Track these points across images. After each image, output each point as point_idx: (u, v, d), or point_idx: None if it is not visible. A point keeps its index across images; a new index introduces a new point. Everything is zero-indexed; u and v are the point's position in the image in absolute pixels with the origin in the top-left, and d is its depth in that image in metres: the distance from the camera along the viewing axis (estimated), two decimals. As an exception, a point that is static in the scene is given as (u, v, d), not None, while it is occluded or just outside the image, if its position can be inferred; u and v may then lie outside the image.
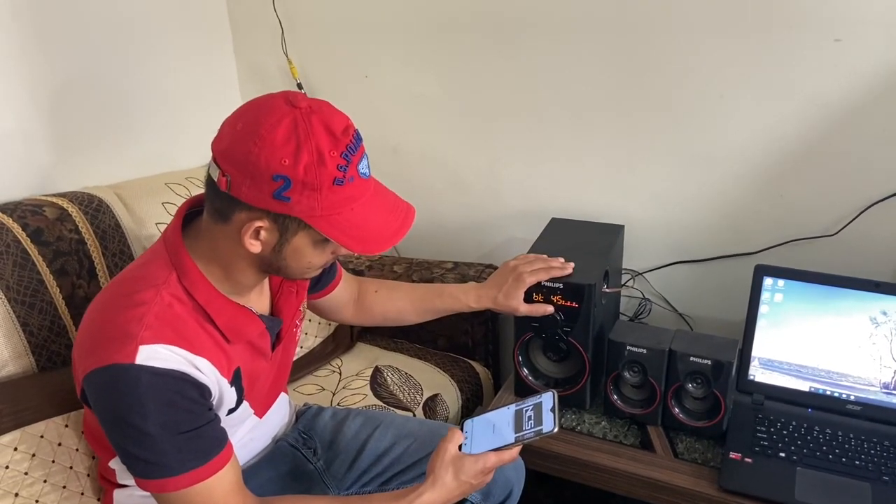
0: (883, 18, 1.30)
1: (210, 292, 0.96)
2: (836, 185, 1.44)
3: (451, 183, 1.82)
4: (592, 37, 1.53)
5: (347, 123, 0.90)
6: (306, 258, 0.95)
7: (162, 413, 0.89)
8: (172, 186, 1.56)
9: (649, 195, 1.61)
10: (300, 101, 0.88)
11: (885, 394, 1.28)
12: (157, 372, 0.88)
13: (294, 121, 0.86)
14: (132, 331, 0.89)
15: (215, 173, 0.89)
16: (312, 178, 0.86)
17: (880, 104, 1.36)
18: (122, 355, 0.87)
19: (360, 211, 0.91)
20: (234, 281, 0.98)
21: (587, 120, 1.61)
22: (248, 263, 0.96)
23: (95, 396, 0.92)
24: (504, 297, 1.30)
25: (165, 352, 0.89)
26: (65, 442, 1.16)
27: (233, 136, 0.88)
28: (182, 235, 0.97)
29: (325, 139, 0.86)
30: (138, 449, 0.90)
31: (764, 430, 1.29)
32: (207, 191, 0.94)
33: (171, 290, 0.93)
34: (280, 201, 0.86)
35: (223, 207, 0.91)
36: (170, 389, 0.89)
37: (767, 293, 1.32)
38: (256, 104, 0.90)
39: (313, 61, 1.84)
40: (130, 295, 0.93)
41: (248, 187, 0.86)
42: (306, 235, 0.91)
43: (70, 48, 1.50)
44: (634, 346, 1.31)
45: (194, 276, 0.95)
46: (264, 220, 0.89)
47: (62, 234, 1.30)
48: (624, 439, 1.35)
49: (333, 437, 1.26)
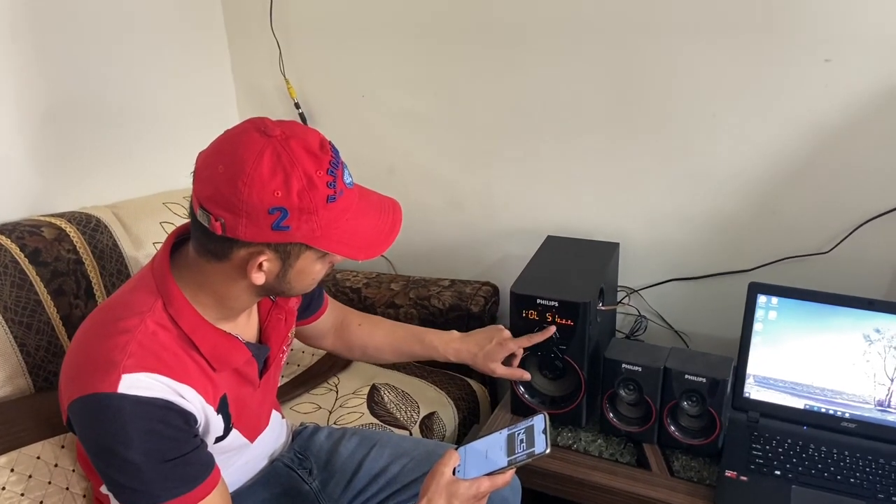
0: (871, 40, 1.32)
1: (195, 320, 0.95)
2: (828, 203, 1.45)
3: (448, 201, 1.83)
4: (587, 57, 1.55)
5: (321, 138, 0.91)
6: (311, 276, 0.96)
7: (146, 441, 0.88)
8: (170, 206, 1.57)
9: (644, 213, 1.62)
10: (271, 128, 0.87)
11: (879, 411, 1.28)
12: (139, 401, 0.88)
13: (275, 151, 0.85)
14: (115, 359, 0.88)
15: (205, 219, 0.87)
16: (307, 203, 0.86)
17: (870, 123, 1.37)
18: (104, 384, 0.87)
19: (353, 219, 0.92)
20: (225, 308, 0.98)
21: (582, 139, 1.62)
22: (246, 291, 0.96)
23: (80, 425, 0.92)
24: (484, 357, 1.30)
25: (148, 380, 0.89)
26: (61, 463, 1.16)
27: (216, 180, 0.86)
28: (170, 264, 0.96)
29: (309, 162, 0.87)
30: (124, 477, 0.89)
31: (759, 447, 1.29)
32: (198, 234, 0.92)
33: (156, 318, 0.93)
34: (280, 231, 0.87)
35: (219, 249, 0.90)
36: (153, 418, 0.89)
37: (762, 311, 1.32)
38: (229, 142, 0.88)
39: (311, 81, 1.86)
40: (115, 322, 0.92)
41: (246, 226, 0.86)
42: (309, 256, 0.92)
43: (69, 68, 1.51)
44: (630, 364, 1.32)
45: (180, 303, 0.94)
46: (266, 253, 0.89)
47: (60, 255, 1.31)
48: (620, 457, 1.35)
49: (329, 457, 1.26)
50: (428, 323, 1.73)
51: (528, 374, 1.34)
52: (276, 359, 1.11)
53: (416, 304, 1.74)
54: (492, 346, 1.31)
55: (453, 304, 1.71)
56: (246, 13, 1.85)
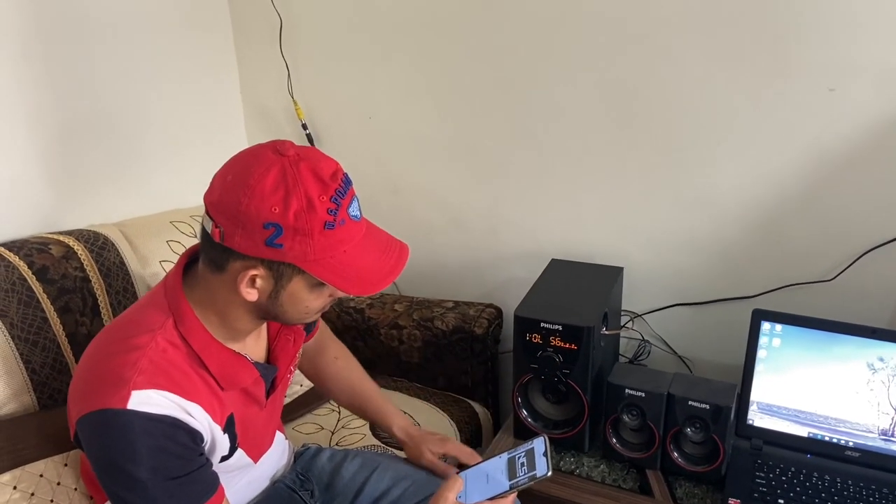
0: (875, 70, 1.33)
1: (205, 339, 0.96)
2: (832, 231, 1.46)
3: (452, 223, 1.84)
4: (593, 82, 1.57)
5: (336, 168, 0.92)
6: (303, 303, 0.96)
7: (153, 458, 0.89)
8: (177, 225, 1.58)
9: (648, 238, 1.63)
10: (288, 149, 0.90)
11: (883, 440, 1.28)
12: (149, 417, 0.88)
13: (282, 169, 0.87)
14: (125, 375, 0.89)
15: (209, 225, 0.91)
16: (303, 224, 0.87)
17: (874, 153, 1.38)
18: (114, 400, 0.88)
19: (352, 253, 0.92)
20: (230, 327, 0.99)
21: (587, 163, 1.63)
22: (245, 311, 0.97)
23: (88, 440, 0.92)
24: (421, 439, 1.27)
25: (158, 397, 0.90)
26: (63, 481, 1.16)
27: (223, 187, 0.89)
28: (182, 282, 0.98)
29: (314, 185, 0.88)
30: (129, 494, 0.90)
31: (763, 475, 1.29)
32: (202, 242, 0.95)
33: (167, 336, 0.94)
34: (273, 248, 0.88)
35: (218, 258, 0.92)
36: (162, 435, 0.89)
37: (765, 338, 1.32)
38: (245, 155, 0.91)
39: (318, 103, 1.88)
40: (126, 339, 0.93)
41: (241, 237, 0.88)
42: (301, 280, 0.92)
43: (79, 87, 1.53)
44: (633, 389, 1.32)
45: (191, 322, 0.95)
46: (259, 269, 0.90)
47: (67, 272, 1.32)
48: (623, 483, 1.34)
49: (331, 479, 1.26)
50: (431, 345, 1.73)
51: (453, 470, 1.21)
52: (283, 379, 1.11)
53: (419, 326, 1.74)
54: (435, 439, 1.28)
55: (457, 326, 1.71)
56: (255, 34, 1.87)
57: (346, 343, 1.81)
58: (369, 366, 1.83)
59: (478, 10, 1.62)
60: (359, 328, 1.81)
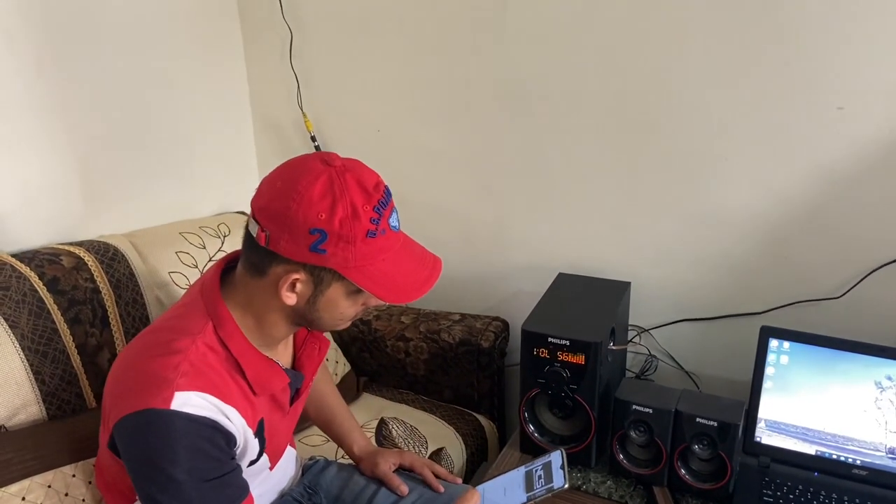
0: (884, 89, 1.34)
1: (243, 344, 0.99)
2: (840, 249, 1.46)
3: (460, 236, 1.84)
4: (602, 99, 1.57)
5: (378, 180, 0.95)
6: (339, 309, 0.98)
7: (191, 460, 0.90)
8: (186, 236, 1.58)
9: (656, 253, 1.63)
10: (334, 160, 0.93)
11: (890, 459, 1.27)
12: (190, 418, 0.90)
13: (329, 178, 0.90)
14: (169, 377, 0.91)
15: (254, 229, 0.94)
16: (347, 231, 0.90)
17: (883, 170, 1.38)
18: (158, 401, 0.90)
19: (390, 262, 0.95)
20: (265, 333, 1.01)
21: (595, 179, 1.64)
22: (282, 315, 0.99)
23: (127, 440, 0.93)
24: (377, 453, 1.29)
25: (199, 399, 0.92)
26: (72, 492, 1.16)
27: (272, 193, 0.92)
28: (220, 288, 1.00)
29: (359, 195, 0.91)
30: (164, 495, 0.91)
31: (770, 493, 1.28)
32: (245, 246, 0.98)
33: (207, 340, 0.96)
34: (316, 254, 0.90)
35: (260, 262, 0.95)
36: (201, 436, 0.92)
37: (773, 355, 1.32)
38: (294, 164, 0.95)
39: (327, 115, 1.89)
40: (167, 343, 0.95)
41: (287, 241, 0.90)
42: (340, 286, 0.95)
43: (90, 101, 1.54)
44: (641, 405, 1.31)
45: (230, 327, 0.98)
46: (301, 273, 0.93)
47: (78, 283, 1.32)
48: (629, 499, 1.34)
49: (339, 493, 1.26)
50: (438, 357, 1.73)
51: (405, 488, 1.23)
52: (306, 387, 1.14)
53: (426, 338, 1.74)
54: (393, 451, 1.30)
55: (463, 339, 1.71)
56: (266, 48, 1.88)
57: (352, 354, 1.84)
58: (375, 377, 1.85)
59: (487, 27, 1.63)
60: (365, 339, 1.81)
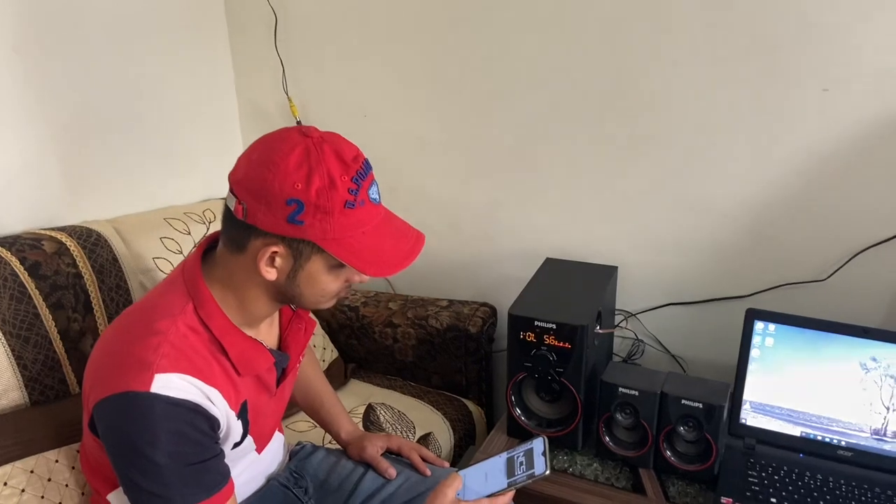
0: (868, 70, 1.34)
1: (225, 324, 0.98)
2: (825, 231, 1.46)
3: (448, 222, 1.84)
4: (589, 84, 1.57)
5: (357, 153, 0.94)
6: (321, 284, 0.97)
7: (171, 443, 0.89)
8: (171, 221, 1.57)
9: (643, 237, 1.63)
10: (312, 132, 0.92)
11: (875, 440, 1.28)
12: (171, 401, 0.89)
13: (306, 148, 0.90)
14: (149, 359, 0.90)
15: (232, 203, 0.93)
16: (324, 202, 0.89)
17: (868, 153, 1.39)
18: (137, 383, 0.88)
19: (371, 234, 0.94)
20: (247, 311, 1.00)
21: (583, 164, 1.63)
22: (263, 292, 0.98)
23: (106, 423, 0.92)
24: (364, 437, 1.29)
25: (180, 381, 0.91)
26: (55, 477, 1.15)
27: (248, 165, 0.92)
28: (201, 267, 0.99)
29: (336, 165, 0.90)
30: (144, 479, 0.90)
31: (755, 474, 1.29)
32: (224, 221, 0.97)
33: (187, 321, 0.95)
34: (294, 225, 0.89)
35: (239, 236, 0.94)
36: (182, 420, 0.90)
37: (758, 337, 1.33)
38: (270, 136, 0.94)
39: (313, 100, 1.87)
40: (147, 324, 0.94)
41: (264, 213, 0.89)
42: (320, 260, 0.94)
43: (72, 85, 1.52)
44: (627, 388, 1.32)
45: (211, 307, 0.97)
46: (279, 246, 0.92)
47: (60, 268, 1.31)
48: (616, 482, 1.34)
49: (326, 477, 1.26)
50: (426, 343, 1.73)
51: (393, 471, 1.24)
52: (293, 368, 1.12)
53: (413, 324, 1.74)
54: (381, 436, 1.30)
55: (451, 325, 1.71)
56: (250, 31, 1.87)
57: (340, 341, 1.83)
58: (363, 364, 1.84)
59: (475, 10, 1.62)
60: (353, 326, 1.81)
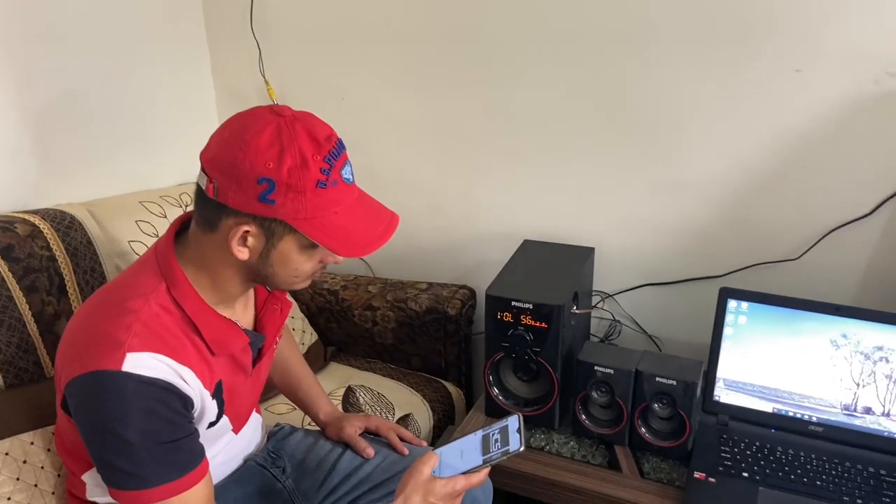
0: (839, 51, 1.35)
1: (198, 303, 0.97)
2: (798, 212, 1.48)
3: (427, 205, 1.84)
4: (566, 67, 1.57)
5: (330, 132, 0.94)
6: (293, 264, 0.96)
7: (144, 422, 0.89)
8: (147, 205, 1.56)
9: (619, 219, 1.64)
10: (284, 110, 0.92)
11: (845, 415, 1.31)
12: (142, 380, 0.89)
13: (278, 127, 0.89)
14: (120, 338, 0.89)
15: (203, 181, 0.92)
16: (296, 181, 0.88)
17: (839, 133, 1.40)
18: (109, 362, 0.88)
19: (344, 215, 0.93)
20: (221, 291, 1.00)
21: (561, 146, 1.64)
22: (236, 271, 0.98)
23: (78, 402, 0.92)
24: (342, 418, 1.30)
25: (152, 360, 0.90)
26: (30, 459, 1.15)
27: (220, 144, 0.91)
28: (174, 247, 0.98)
29: (308, 144, 0.89)
30: (116, 458, 0.90)
31: (728, 450, 1.31)
32: (196, 200, 0.96)
33: (160, 300, 0.95)
34: (265, 204, 0.89)
35: (211, 215, 0.93)
36: (154, 398, 0.90)
37: (732, 315, 1.34)
38: (242, 115, 0.94)
39: (291, 83, 1.86)
40: (119, 303, 0.94)
41: (235, 192, 0.89)
42: (292, 240, 0.93)
43: (47, 67, 1.50)
44: (602, 366, 1.33)
45: (184, 286, 0.96)
46: (251, 225, 0.91)
47: (33, 251, 1.30)
48: (592, 459, 1.36)
49: (304, 456, 1.26)
50: (405, 326, 1.74)
51: (371, 450, 1.25)
52: (269, 349, 1.12)
53: (393, 307, 1.74)
54: (359, 416, 1.31)
55: (430, 307, 1.71)
56: (226, 13, 1.84)
57: (320, 325, 1.83)
58: (343, 347, 1.85)
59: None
60: (332, 310, 1.81)
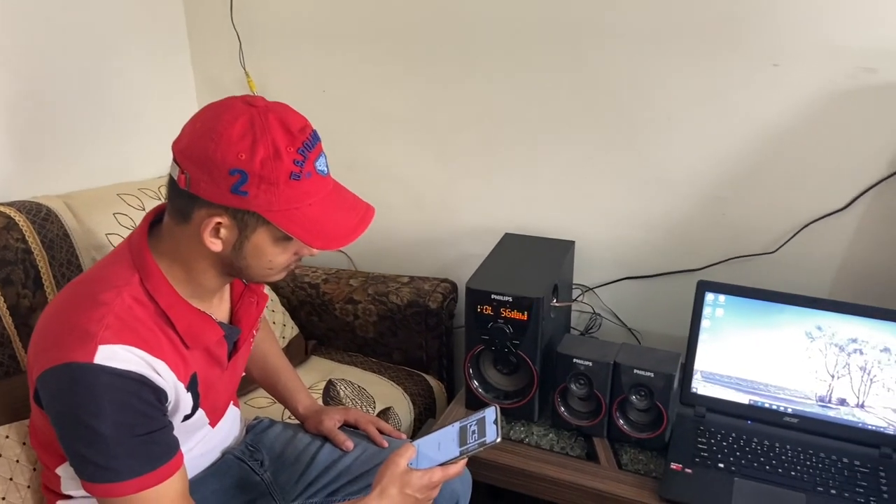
0: (816, 46, 1.37)
1: (172, 296, 0.96)
2: (775, 205, 1.49)
3: (408, 199, 1.84)
4: (547, 62, 1.57)
5: (304, 123, 0.93)
6: (267, 256, 0.96)
7: (117, 414, 0.88)
8: (125, 197, 1.55)
9: (599, 212, 1.65)
10: (258, 101, 0.91)
11: (820, 407, 1.32)
12: (115, 372, 0.88)
13: (251, 118, 0.88)
14: (92, 330, 0.88)
15: (175, 172, 0.91)
16: (269, 172, 0.88)
17: (815, 127, 1.42)
18: (80, 354, 0.87)
19: (318, 207, 0.93)
20: (195, 284, 0.99)
21: (541, 139, 1.64)
22: (210, 264, 0.97)
23: (50, 395, 0.91)
24: (322, 411, 1.30)
25: (124, 353, 0.89)
26: (5, 453, 1.14)
27: (191, 134, 0.90)
28: (147, 239, 0.97)
29: (282, 135, 0.89)
30: (89, 451, 0.89)
31: (704, 441, 1.32)
32: (169, 191, 0.95)
33: (133, 292, 0.94)
34: (238, 196, 0.88)
35: (183, 206, 0.92)
36: (127, 391, 0.89)
37: (709, 308, 1.36)
38: (215, 105, 0.93)
39: (271, 74, 1.85)
40: (92, 295, 0.93)
41: (207, 183, 0.88)
42: (266, 232, 0.93)
43: (25, 57, 1.49)
44: (581, 358, 1.34)
45: (157, 279, 0.95)
46: (223, 217, 0.90)
47: (8, 244, 1.29)
48: (570, 451, 1.37)
49: (283, 450, 1.26)
50: (386, 319, 1.74)
51: (350, 443, 1.25)
52: (245, 342, 1.12)
53: (374, 300, 1.74)
54: (338, 409, 1.31)
55: (412, 301, 1.71)
56: (206, 4, 1.83)
57: (301, 318, 1.83)
58: (324, 340, 1.84)
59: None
60: (314, 303, 1.80)
